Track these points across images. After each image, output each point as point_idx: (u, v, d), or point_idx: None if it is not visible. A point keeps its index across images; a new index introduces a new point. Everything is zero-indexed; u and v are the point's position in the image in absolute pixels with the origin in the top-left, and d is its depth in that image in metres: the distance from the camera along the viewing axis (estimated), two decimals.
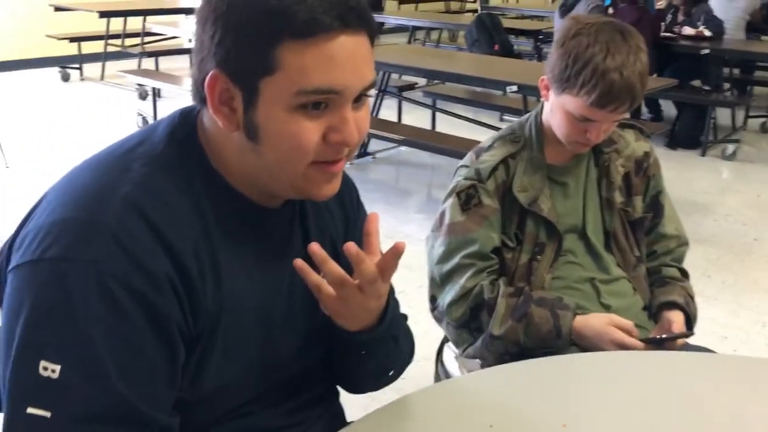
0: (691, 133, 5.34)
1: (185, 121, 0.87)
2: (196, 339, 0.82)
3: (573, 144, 1.51)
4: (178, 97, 5.83)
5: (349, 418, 1.09)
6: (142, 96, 6.17)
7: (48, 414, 0.72)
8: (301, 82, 0.77)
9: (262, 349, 0.90)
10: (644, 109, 5.97)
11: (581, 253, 1.56)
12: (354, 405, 1.14)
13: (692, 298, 1.59)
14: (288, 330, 0.93)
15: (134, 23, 6.80)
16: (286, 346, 0.94)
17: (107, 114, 5.83)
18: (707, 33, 5.54)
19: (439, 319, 1.59)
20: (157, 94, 5.58)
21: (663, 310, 1.54)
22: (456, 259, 1.52)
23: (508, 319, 1.46)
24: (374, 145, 4.91)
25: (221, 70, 0.79)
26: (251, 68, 0.77)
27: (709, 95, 5.45)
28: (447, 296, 1.53)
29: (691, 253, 3.62)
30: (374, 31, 0.82)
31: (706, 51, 5.26)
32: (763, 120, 6.04)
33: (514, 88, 3.71)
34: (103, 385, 0.74)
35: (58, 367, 0.72)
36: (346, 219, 1.04)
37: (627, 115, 1.53)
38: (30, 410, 0.72)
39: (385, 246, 1.02)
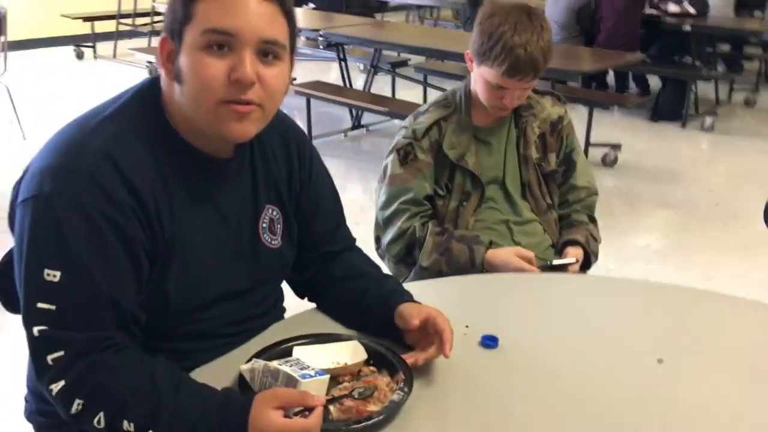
0: (673, 107, 5.57)
1: (152, 86, 1.11)
2: (156, 257, 1.07)
3: (493, 108, 1.80)
4: None
5: None
6: (152, 72, 6.48)
7: (53, 307, 0.97)
8: (204, 23, 1.01)
9: (213, 271, 1.16)
10: (632, 84, 6.20)
11: (500, 200, 1.86)
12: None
13: (595, 239, 1.88)
14: (236, 258, 1.20)
15: (144, 2, 7.10)
16: (234, 270, 1.20)
17: (119, 90, 6.15)
18: (691, 10, 5.74)
19: (382, 257, 1.89)
20: None
21: (566, 246, 1.83)
22: (395, 206, 1.82)
23: (433, 253, 1.76)
24: (367, 118, 5.21)
25: (166, 33, 1.05)
26: (178, 22, 1.03)
27: (689, 70, 5.66)
28: (387, 236, 1.84)
29: (656, 217, 3.92)
30: (284, 3, 1.05)
31: (688, 28, 5.47)
32: (746, 94, 6.25)
33: None
34: (93, 284, 0.99)
35: (58, 273, 0.97)
36: (290, 168, 1.25)
37: (540, 83, 1.81)
38: (39, 304, 0.98)
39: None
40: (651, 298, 1.50)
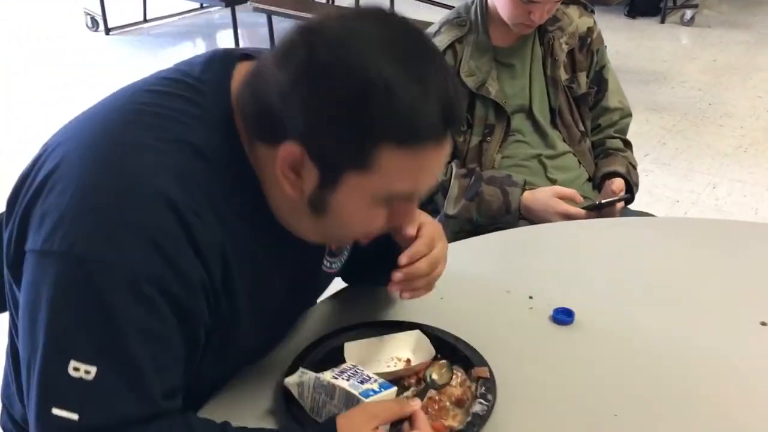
0: (650, 1, 5.31)
1: (224, 107, 0.79)
2: (217, 328, 0.83)
3: (517, 26, 1.54)
4: None
5: None
6: None
7: (75, 416, 0.71)
8: (393, 186, 0.76)
9: (280, 317, 0.96)
10: None
11: (528, 132, 1.63)
12: None
13: (634, 167, 1.69)
14: (300, 294, 0.99)
15: None
16: (297, 305, 1.02)
17: (51, 17, 5.62)
18: None
19: None
20: None
21: (606, 179, 1.63)
22: None
23: (461, 199, 1.55)
24: None
25: (302, 146, 0.73)
26: (341, 158, 0.73)
27: None
28: None
29: (648, 123, 3.74)
30: None
31: None
32: None
33: None
34: (140, 387, 0.73)
35: (93, 369, 0.71)
36: None
37: None
38: (55, 411, 0.71)
39: None
40: (741, 241, 1.31)
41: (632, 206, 1.69)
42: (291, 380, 0.89)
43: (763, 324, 1.06)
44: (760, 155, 3.35)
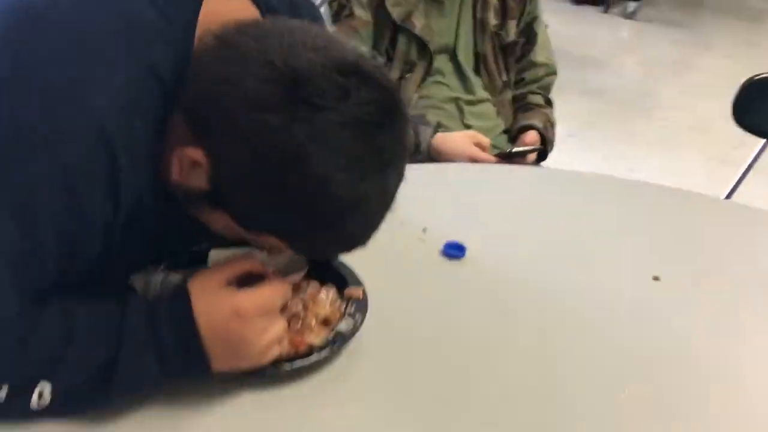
0: None
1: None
2: None
3: None
4: None
5: None
6: None
7: None
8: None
9: None
10: None
11: (450, 74, 1.56)
12: None
13: (552, 125, 1.65)
14: None
15: None
16: None
17: None
18: None
19: None
20: None
21: (522, 132, 1.58)
22: None
23: None
24: None
25: (212, 165, 0.66)
26: (244, 214, 0.70)
27: None
28: None
29: (579, 104, 3.74)
30: None
31: None
32: None
33: None
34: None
35: None
36: None
37: None
38: None
39: None
40: (638, 198, 1.29)
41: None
42: (138, 276, 0.79)
43: (656, 279, 1.03)
44: (682, 147, 3.41)
